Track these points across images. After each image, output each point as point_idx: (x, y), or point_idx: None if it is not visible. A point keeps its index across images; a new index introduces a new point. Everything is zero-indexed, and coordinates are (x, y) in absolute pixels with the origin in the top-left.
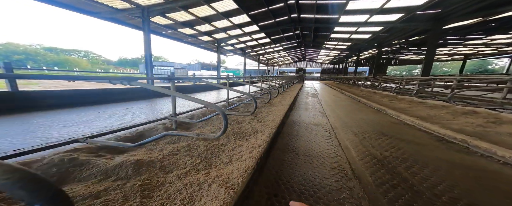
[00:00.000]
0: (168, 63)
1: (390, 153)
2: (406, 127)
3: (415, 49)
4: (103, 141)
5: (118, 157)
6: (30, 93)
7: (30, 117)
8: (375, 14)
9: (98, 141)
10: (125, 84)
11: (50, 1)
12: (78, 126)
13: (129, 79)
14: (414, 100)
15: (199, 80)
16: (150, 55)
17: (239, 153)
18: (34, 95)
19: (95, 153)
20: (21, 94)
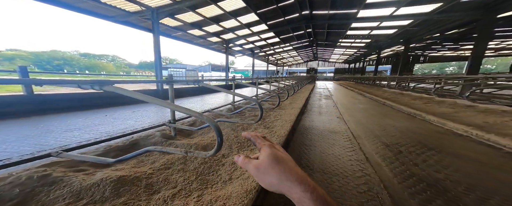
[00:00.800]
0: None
1: (444, 175)
2: (457, 138)
3: (450, 45)
4: (78, 156)
5: (99, 173)
6: (45, 96)
7: (40, 120)
8: (404, 6)
9: (72, 155)
10: (97, 89)
11: (72, 7)
12: (80, 131)
13: (101, 83)
14: (458, 104)
15: (200, 82)
16: (160, 57)
17: (241, 168)
18: (49, 98)
19: (75, 167)
20: (36, 98)
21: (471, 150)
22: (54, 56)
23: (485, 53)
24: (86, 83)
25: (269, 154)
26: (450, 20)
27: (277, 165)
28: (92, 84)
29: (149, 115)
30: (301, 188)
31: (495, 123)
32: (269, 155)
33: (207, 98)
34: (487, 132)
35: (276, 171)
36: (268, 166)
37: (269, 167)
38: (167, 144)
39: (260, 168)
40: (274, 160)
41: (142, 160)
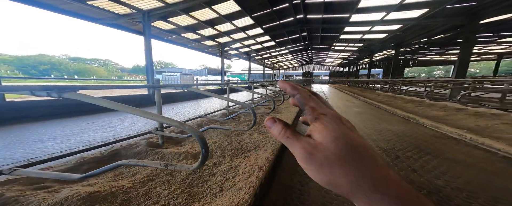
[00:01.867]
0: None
1: (444, 181)
2: (453, 142)
3: (437, 49)
4: (35, 172)
5: (66, 189)
6: (19, 103)
7: (11, 130)
8: (394, 10)
9: (28, 172)
10: (54, 96)
11: (55, 9)
12: (54, 141)
13: (60, 89)
14: (449, 107)
15: (188, 87)
16: (151, 61)
17: (234, 178)
18: (24, 105)
19: (36, 184)
20: (8, 105)
21: (468, 155)
22: (40, 61)
23: (470, 58)
24: (41, 90)
25: (336, 138)
26: (436, 25)
27: (355, 159)
28: (49, 91)
29: (138, 122)
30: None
31: (487, 126)
32: (337, 139)
33: (202, 103)
34: (481, 136)
35: (353, 168)
36: (335, 158)
37: (337, 160)
38: (153, 153)
39: (317, 155)
40: (350, 148)
41: (121, 172)
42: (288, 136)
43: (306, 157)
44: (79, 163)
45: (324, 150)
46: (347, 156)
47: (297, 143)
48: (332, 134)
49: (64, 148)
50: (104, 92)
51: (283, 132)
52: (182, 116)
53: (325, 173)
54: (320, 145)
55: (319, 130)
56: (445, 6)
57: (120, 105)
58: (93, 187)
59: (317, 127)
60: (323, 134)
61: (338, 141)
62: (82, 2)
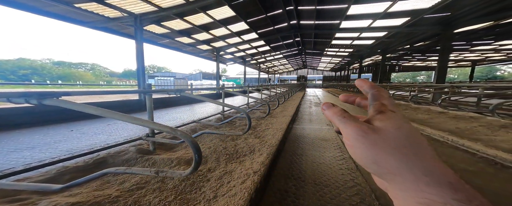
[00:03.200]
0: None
1: None
2: (436, 143)
3: (419, 56)
4: (10, 184)
5: (44, 201)
6: None
7: None
8: (379, 18)
9: (3, 184)
10: (34, 103)
11: (39, 11)
12: (33, 150)
13: (40, 95)
14: (432, 110)
15: (182, 92)
16: (143, 65)
17: (229, 184)
18: (1, 113)
19: (11, 197)
20: None
21: (449, 156)
22: (20, 65)
23: (448, 64)
24: (19, 97)
25: (402, 126)
26: (417, 33)
27: (414, 144)
28: (27, 98)
29: (127, 128)
30: (458, 196)
31: (466, 129)
32: (402, 127)
33: (196, 107)
34: (461, 138)
35: (410, 151)
36: (396, 139)
37: (396, 141)
38: (143, 160)
39: (371, 135)
40: (411, 136)
41: (108, 180)
42: (345, 116)
43: (360, 135)
44: (60, 173)
45: (383, 133)
46: (407, 142)
47: (353, 122)
48: (396, 123)
49: (43, 157)
50: (91, 98)
51: (340, 112)
52: (176, 121)
53: (375, 151)
54: (380, 129)
55: (381, 119)
56: (423, 15)
57: (107, 111)
58: (75, 197)
59: (380, 117)
60: (385, 122)
61: (402, 129)
62: (69, 4)
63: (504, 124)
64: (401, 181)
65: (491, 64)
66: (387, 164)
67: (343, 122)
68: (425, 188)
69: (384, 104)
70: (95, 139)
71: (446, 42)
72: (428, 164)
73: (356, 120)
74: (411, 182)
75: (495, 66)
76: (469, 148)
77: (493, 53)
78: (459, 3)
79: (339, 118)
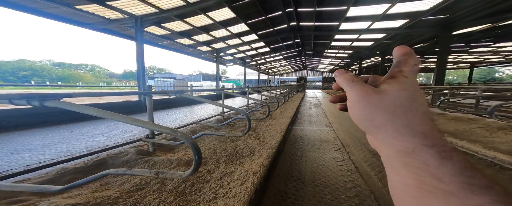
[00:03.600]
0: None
1: None
2: None
3: (418, 57)
4: (9, 185)
5: (43, 202)
6: None
7: None
8: (378, 20)
9: (2, 185)
10: (36, 105)
11: (41, 13)
12: (32, 152)
13: (42, 97)
14: (431, 112)
15: (182, 93)
16: (143, 66)
17: (228, 185)
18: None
19: (10, 198)
20: None
21: None
22: (20, 67)
23: (446, 66)
24: (20, 98)
25: (404, 89)
26: (416, 35)
27: (407, 105)
28: (29, 99)
29: (127, 129)
30: (427, 141)
31: (465, 130)
32: (404, 90)
33: (196, 108)
34: (460, 139)
35: (399, 110)
36: (392, 100)
37: (392, 101)
38: (143, 162)
39: (372, 96)
40: (409, 98)
41: (108, 182)
42: (353, 80)
43: (361, 96)
44: (60, 174)
45: (383, 94)
46: (401, 101)
47: (359, 86)
48: (401, 86)
49: (43, 158)
50: (91, 99)
51: (351, 77)
52: (176, 123)
53: (370, 110)
54: (383, 91)
55: (389, 83)
56: (422, 17)
57: (108, 112)
58: (75, 198)
59: (389, 81)
60: (391, 85)
61: (402, 91)
62: (70, 6)
63: (502, 126)
64: (384, 134)
65: (490, 66)
66: (376, 120)
67: (351, 85)
68: (401, 137)
69: (401, 70)
70: (95, 140)
71: (444, 44)
72: (413, 121)
73: (363, 83)
74: (391, 133)
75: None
76: (468, 149)
77: (491, 55)
78: (457, 6)
79: (348, 81)
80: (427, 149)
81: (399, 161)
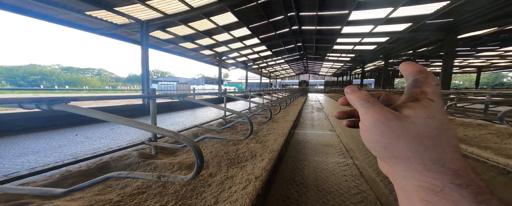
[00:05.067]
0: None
1: None
2: None
3: (422, 61)
4: (13, 188)
5: (46, 205)
6: (1, 116)
7: None
8: (380, 24)
9: (5, 188)
10: (44, 108)
11: (53, 19)
12: (37, 154)
13: (50, 101)
14: None
15: (184, 96)
16: (148, 70)
17: (230, 189)
18: (7, 118)
19: (14, 201)
20: None
21: None
22: (31, 71)
23: (452, 70)
24: (30, 102)
25: (434, 117)
26: (420, 39)
27: (437, 137)
28: (38, 103)
29: (130, 132)
30: (459, 181)
31: (474, 136)
32: (433, 118)
33: (199, 112)
34: (469, 145)
35: (429, 142)
36: (419, 129)
37: (419, 131)
38: (145, 165)
39: (392, 122)
40: (439, 128)
41: (110, 185)
42: (369, 101)
43: (380, 121)
44: (64, 177)
45: (407, 122)
46: (429, 132)
47: (377, 108)
48: (429, 113)
49: (48, 161)
50: (96, 103)
51: (366, 96)
52: (178, 126)
53: (390, 137)
54: (406, 117)
55: (413, 107)
56: (425, 21)
57: (113, 116)
58: (77, 201)
59: (412, 105)
60: (416, 111)
61: (433, 119)
62: (80, 12)
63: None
64: (405, 166)
65: (497, 70)
66: (398, 150)
67: (366, 106)
68: (427, 173)
69: (424, 91)
70: (99, 143)
71: (449, 48)
72: (444, 156)
73: (381, 105)
74: (416, 167)
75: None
76: (479, 156)
77: (498, 59)
78: (462, 9)
79: (362, 102)
80: (460, 190)
81: (420, 197)
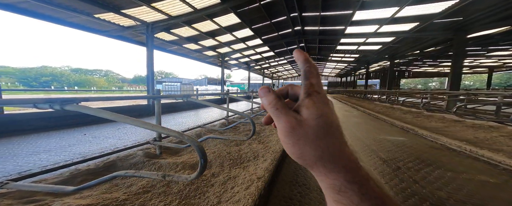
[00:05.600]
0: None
1: (447, 193)
2: (453, 153)
3: (430, 61)
4: (28, 185)
5: (57, 203)
6: (15, 116)
7: (7, 142)
8: (386, 24)
9: (20, 185)
10: (57, 108)
11: (64, 22)
12: (49, 153)
13: (62, 101)
14: (447, 119)
15: (188, 97)
16: (152, 71)
17: (232, 189)
18: (20, 118)
19: (27, 198)
20: (5, 118)
21: (468, 166)
22: (42, 73)
23: (462, 71)
24: (44, 103)
25: (321, 116)
26: (427, 39)
27: (326, 137)
28: (51, 103)
29: (135, 132)
30: (348, 176)
31: (486, 138)
32: (320, 118)
33: (202, 112)
34: (481, 148)
35: (321, 146)
36: (313, 134)
37: (313, 135)
38: (150, 164)
39: (298, 130)
40: (325, 127)
41: (116, 183)
42: (278, 108)
43: (288, 131)
44: (73, 175)
45: (306, 126)
46: (321, 132)
47: (284, 116)
48: (318, 111)
49: (58, 160)
50: (103, 103)
51: (274, 102)
52: (181, 126)
53: (299, 146)
54: (305, 121)
55: (307, 106)
56: (433, 20)
57: (121, 116)
58: (86, 199)
59: (307, 103)
60: (310, 110)
61: (320, 118)
62: (89, 15)
63: None
64: (317, 171)
65: (510, 70)
66: (309, 158)
67: (276, 114)
68: (330, 175)
69: (312, 83)
70: (106, 143)
71: (459, 47)
72: (335, 153)
73: (288, 111)
74: (322, 171)
75: None
76: (490, 159)
77: (511, 59)
78: (472, 8)
79: (273, 108)
80: (350, 185)
81: (331, 197)
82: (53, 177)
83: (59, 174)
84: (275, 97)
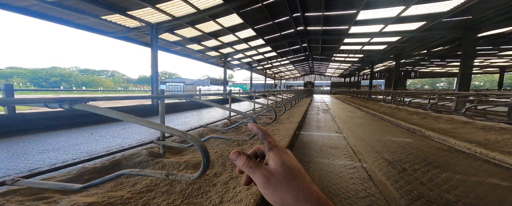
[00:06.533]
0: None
1: (455, 196)
2: (461, 155)
3: (437, 61)
4: (38, 182)
5: (65, 200)
6: (26, 115)
7: (19, 141)
8: (391, 23)
9: (31, 182)
10: (66, 108)
11: (72, 23)
12: (57, 151)
13: (71, 101)
14: (456, 120)
15: (191, 97)
16: (157, 72)
17: (234, 189)
18: (32, 117)
19: (37, 195)
20: (18, 117)
21: (478, 169)
22: (52, 73)
23: (472, 71)
24: (54, 102)
25: (284, 162)
26: (435, 38)
27: (294, 179)
28: (61, 103)
29: (140, 132)
30: None
31: (497, 140)
32: (284, 164)
33: (204, 112)
34: (491, 150)
35: (293, 187)
36: (283, 178)
37: (284, 180)
38: (153, 163)
39: (272, 179)
40: (290, 171)
41: (121, 182)
42: (251, 166)
43: (265, 182)
44: (80, 173)
45: (277, 173)
46: (289, 175)
47: (258, 171)
48: (280, 160)
49: (67, 158)
50: (108, 103)
51: (247, 162)
52: (184, 126)
53: (278, 193)
54: (274, 170)
55: (272, 157)
56: (441, 19)
57: (127, 115)
58: (92, 197)
59: (271, 156)
60: (274, 160)
61: (284, 164)
62: (97, 17)
63: None
64: None
65: None
66: (288, 201)
67: (251, 171)
68: None
69: (269, 141)
70: (111, 142)
71: (468, 47)
72: (306, 192)
73: (259, 166)
74: None
75: None
76: (502, 161)
77: None
78: (482, 6)
79: (248, 168)
80: None
81: None
82: (61, 175)
83: (66, 172)
84: (247, 158)
